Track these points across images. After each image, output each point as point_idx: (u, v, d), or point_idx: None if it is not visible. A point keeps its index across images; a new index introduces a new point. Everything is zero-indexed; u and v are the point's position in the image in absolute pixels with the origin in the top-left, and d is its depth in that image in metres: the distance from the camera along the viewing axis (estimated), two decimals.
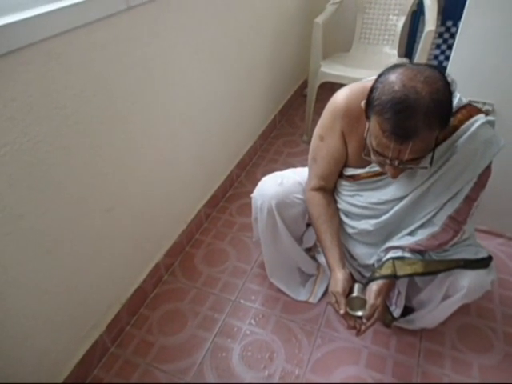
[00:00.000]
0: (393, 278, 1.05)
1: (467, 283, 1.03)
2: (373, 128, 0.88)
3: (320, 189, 1.18)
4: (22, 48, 0.78)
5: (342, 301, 1.04)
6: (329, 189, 1.20)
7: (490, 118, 0.97)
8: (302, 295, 1.39)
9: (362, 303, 1.04)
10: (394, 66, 0.87)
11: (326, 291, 1.39)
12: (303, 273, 1.43)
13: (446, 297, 1.10)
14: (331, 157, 1.12)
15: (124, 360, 1.23)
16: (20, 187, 0.86)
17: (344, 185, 1.18)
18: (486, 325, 1.30)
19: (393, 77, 0.84)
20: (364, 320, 1.04)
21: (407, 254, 1.07)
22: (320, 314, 1.34)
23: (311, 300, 1.38)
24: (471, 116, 0.96)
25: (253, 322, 1.33)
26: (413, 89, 0.80)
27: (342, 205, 1.20)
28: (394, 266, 1.06)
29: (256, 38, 1.86)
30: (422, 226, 1.06)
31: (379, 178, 1.08)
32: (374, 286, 1.05)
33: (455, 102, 0.96)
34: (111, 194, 1.14)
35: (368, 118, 0.90)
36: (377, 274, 1.07)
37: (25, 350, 0.97)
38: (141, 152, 1.22)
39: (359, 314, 1.04)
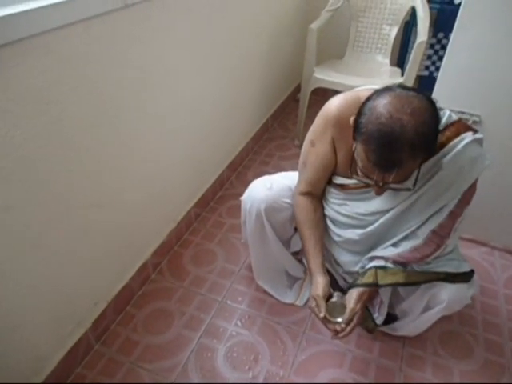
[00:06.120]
0: (374, 286, 1.07)
1: (447, 296, 1.05)
2: (359, 152, 0.90)
3: (308, 194, 1.19)
4: (19, 40, 0.78)
5: (323, 304, 1.06)
6: (316, 195, 1.21)
7: (477, 135, 0.98)
8: (288, 298, 1.40)
9: (342, 309, 1.06)
10: (384, 90, 0.87)
11: None
12: (290, 276, 1.44)
13: (426, 308, 1.12)
14: (320, 163, 1.14)
15: (108, 358, 1.23)
16: (11, 180, 0.85)
17: (332, 192, 1.19)
18: (467, 331, 1.32)
19: (380, 106, 0.84)
20: (343, 325, 1.05)
21: (390, 265, 1.09)
22: (306, 317, 1.35)
23: (297, 303, 1.39)
24: (459, 134, 0.97)
25: (239, 323, 1.34)
26: (399, 122, 0.81)
27: (329, 212, 1.21)
28: (376, 274, 1.08)
29: (251, 41, 1.88)
30: (405, 238, 1.08)
31: (367, 190, 1.09)
32: (354, 293, 1.07)
33: (444, 118, 0.98)
34: (101, 190, 1.14)
35: (355, 139, 0.91)
36: (358, 282, 1.09)
37: (7, 344, 0.96)
38: (133, 150, 1.22)
39: (338, 320, 1.05)
